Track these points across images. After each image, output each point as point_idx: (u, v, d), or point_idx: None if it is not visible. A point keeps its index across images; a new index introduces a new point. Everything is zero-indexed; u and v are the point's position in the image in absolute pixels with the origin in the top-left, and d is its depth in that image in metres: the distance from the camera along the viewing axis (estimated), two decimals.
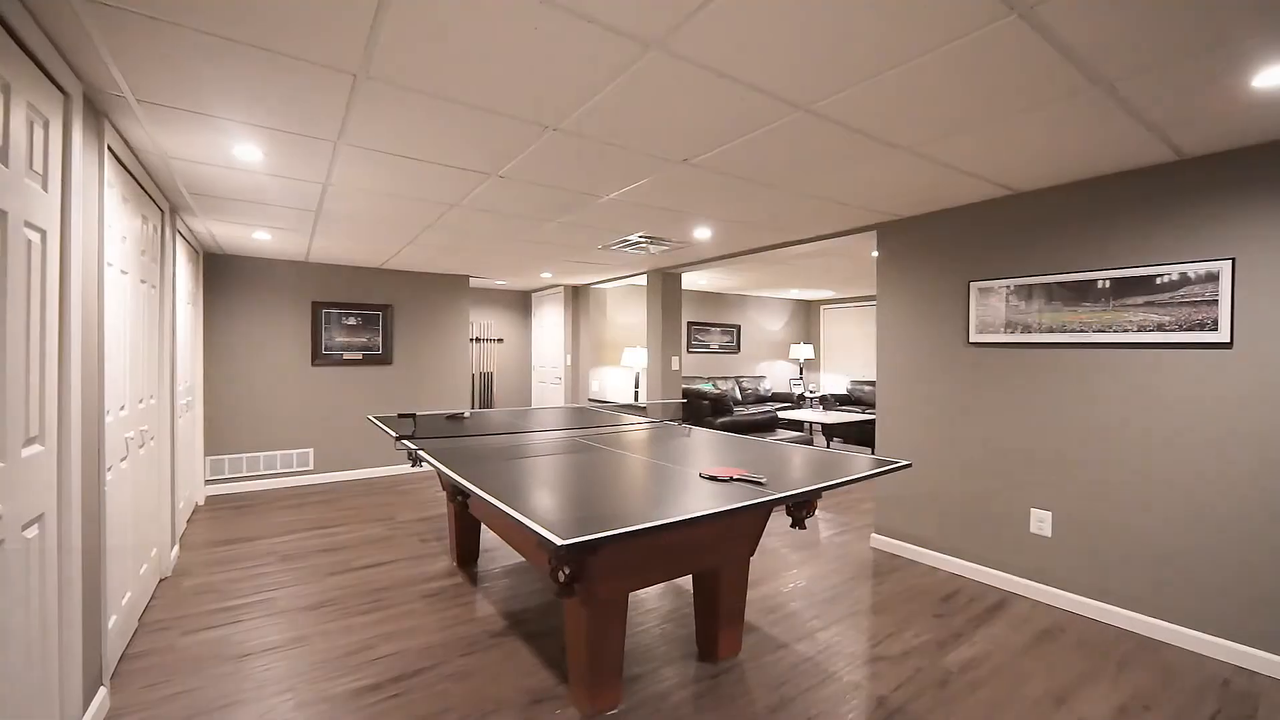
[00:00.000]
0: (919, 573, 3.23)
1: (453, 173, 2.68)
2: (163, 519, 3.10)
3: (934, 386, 3.34)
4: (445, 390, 6.13)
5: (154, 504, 2.94)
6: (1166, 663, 2.31)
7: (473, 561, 3.37)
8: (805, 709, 2.01)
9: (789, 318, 9.78)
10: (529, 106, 1.97)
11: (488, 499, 1.67)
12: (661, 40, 1.56)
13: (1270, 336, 2.23)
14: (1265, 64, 1.65)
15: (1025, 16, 1.45)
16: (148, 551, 2.82)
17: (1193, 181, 2.41)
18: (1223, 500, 2.34)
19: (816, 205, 3.23)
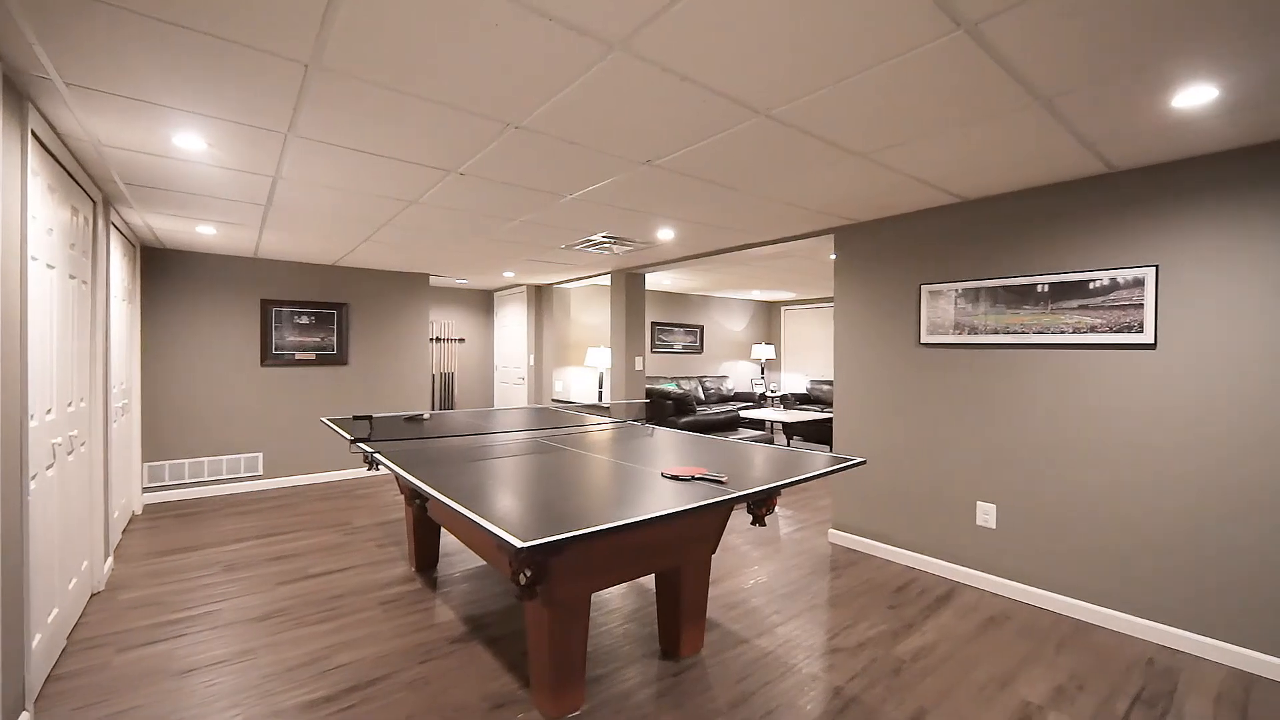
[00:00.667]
0: (874, 566, 3.34)
1: (411, 168, 2.61)
2: (95, 530, 2.92)
3: (888, 386, 3.46)
4: (404, 391, 5.98)
5: (85, 514, 2.77)
6: (1098, 645, 2.46)
7: (432, 566, 3.30)
8: (765, 703, 2.05)
9: (751, 318, 9.94)
10: (489, 103, 1.94)
11: (446, 502, 1.64)
12: (624, 42, 1.57)
13: (1188, 338, 2.40)
14: (1183, 86, 1.78)
15: (971, 33, 1.52)
16: (78, 564, 2.64)
17: (1122, 193, 2.58)
18: (1148, 489, 2.51)
19: (777, 208, 3.30)
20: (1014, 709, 2.02)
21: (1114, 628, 2.59)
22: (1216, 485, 2.34)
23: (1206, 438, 2.36)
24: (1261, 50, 1.58)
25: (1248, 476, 2.27)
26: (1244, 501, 2.28)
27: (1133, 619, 2.54)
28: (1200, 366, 2.37)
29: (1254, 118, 2.00)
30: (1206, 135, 2.16)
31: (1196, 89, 1.80)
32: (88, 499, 2.82)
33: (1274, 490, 2.21)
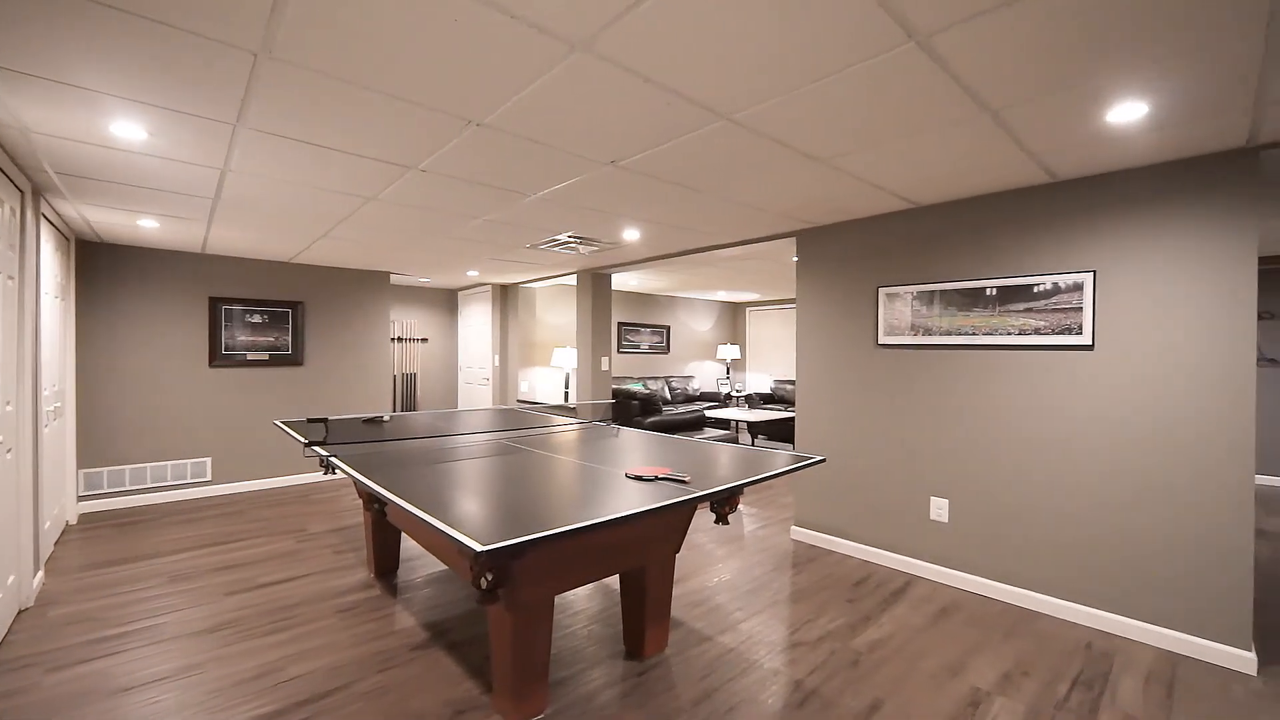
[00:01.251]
0: (834, 561, 3.42)
1: (369, 164, 2.54)
2: (23, 541, 2.73)
3: (847, 386, 3.56)
4: (364, 393, 5.81)
5: (11, 524, 2.59)
6: (1042, 631, 2.58)
7: (392, 572, 3.22)
8: (728, 699, 2.08)
9: (717, 319, 10.05)
10: (450, 100, 1.91)
11: (404, 506, 1.60)
12: (587, 42, 1.57)
13: (1121, 339, 2.55)
14: (1116, 102, 1.89)
15: (922, 45, 1.58)
16: (2, 579, 2.48)
17: (1063, 202, 2.71)
18: (1087, 483, 2.65)
19: (741, 211, 3.34)
20: (963, 696, 2.11)
21: (1057, 615, 2.72)
22: (1149, 479, 2.49)
23: (1140, 434, 2.51)
24: (1182, 73, 1.69)
25: (1177, 471, 2.42)
26: (1173, 494, 2.43)
27: (1074, 606, 2.68)
28: (1133, 366, 2.52)
29: (1181, 134, 2.14)
30: (1139, 149, 2.30)
31: (1128, 105, 1.91)
32: (14, 509, 2.64)
33: (1201, 484, 2.37)
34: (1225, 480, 2.31)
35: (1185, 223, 2.40)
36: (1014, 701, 2.07)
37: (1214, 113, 1.96)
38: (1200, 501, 2.36)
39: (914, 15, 1.44)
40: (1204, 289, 2.35)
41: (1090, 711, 2.02)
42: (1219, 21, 1.45)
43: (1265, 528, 4.07)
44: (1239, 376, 2.28)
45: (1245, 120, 2.02)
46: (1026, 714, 2.00)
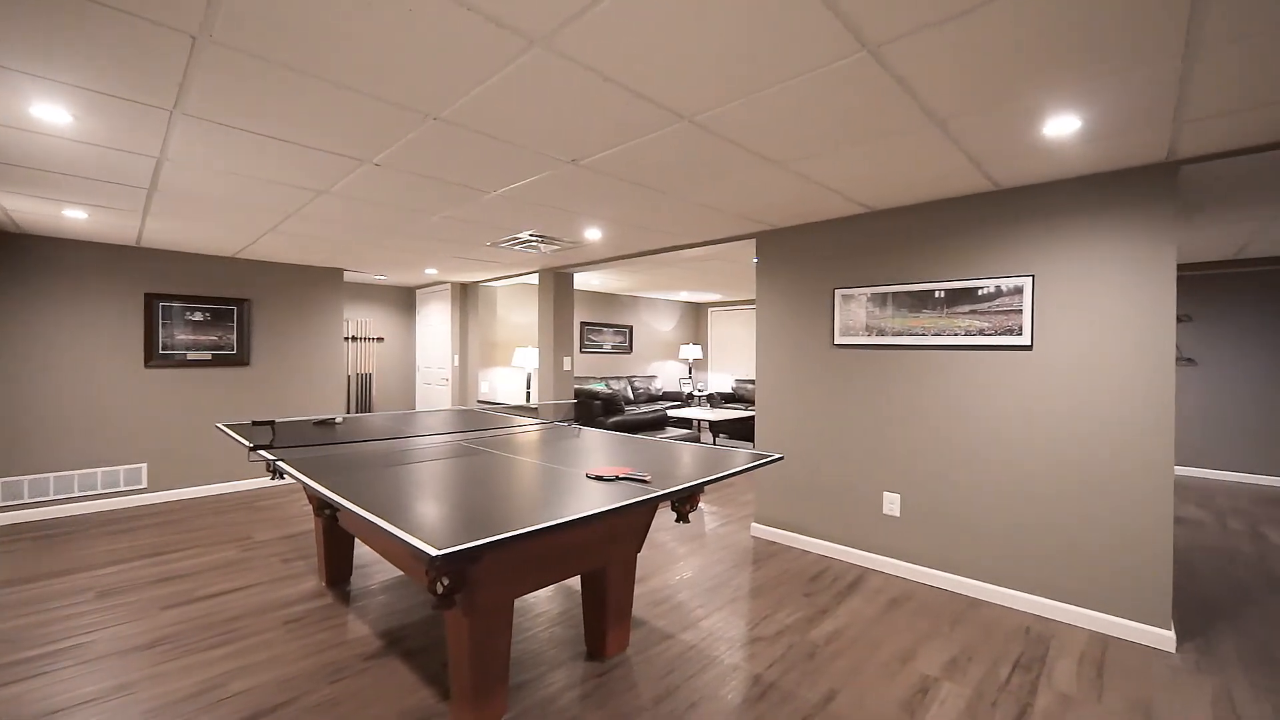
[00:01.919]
0: (792, 556, 3.50)
1: (321, 156, 2.45)
2: None
3: (804, 385, 3.64)
4: (316, 394, 5.59)
5: None
6: (986, 618, 2.71)
7: (345, 580, 3.11)
8: (689, 695, 2.10)
9: (679, 319, 10.13)
10: (406, 92, 1.86)
11: (356, 510, 1.55)
12: (546, 39, 1.55)
13: (1057, 340, 2.70)
14: (1051, 115, 2.00)
15: (874, 54, 1.63)
16: None
17: (1005, 209, 2.85)
18: (1028, 476, 2.79)
19: (702, 212, 3.38)
20: (914, 682, 2.19)
21: (999, 602, 2.86)
22: (1081, 471, 2.64)
23: (1073, 430, 2.66)
24: (1110, 91, 1.80)
25: (1106, 464, 2.58)
26: (1102, 486, 2.59)
27: (1015, 593, 2.82)
28: (1068, 366, 2.67)
29: (1109, 147, 2.28)
30: (1073, 160, 2.44)
31: (1062, 119, 2.02)
32: None
33: (1127, 476, 2.53)
34: (1148, 472, 2.48)
35: (1113, 231, 2.56)
36: (960, 686, 2.17)
37: (1138, 129, 2.10)
38: (1125, 492, 2.53)
39: (866, 25, 1.49)
40: (1129, 293, 2.52)
41: (1029, 693, 2.13)
42: (1140, 46, 1.55)
43: (1182, 515, 4.39)
44: (1160, 375, 2.45)
45: (1165, 137, 2.17)
46: (972, 698, 2.10)
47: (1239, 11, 1.41)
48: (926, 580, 3.10)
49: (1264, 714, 2.01)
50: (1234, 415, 5.50)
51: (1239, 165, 2.42)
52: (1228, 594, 2.99)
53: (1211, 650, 2.43)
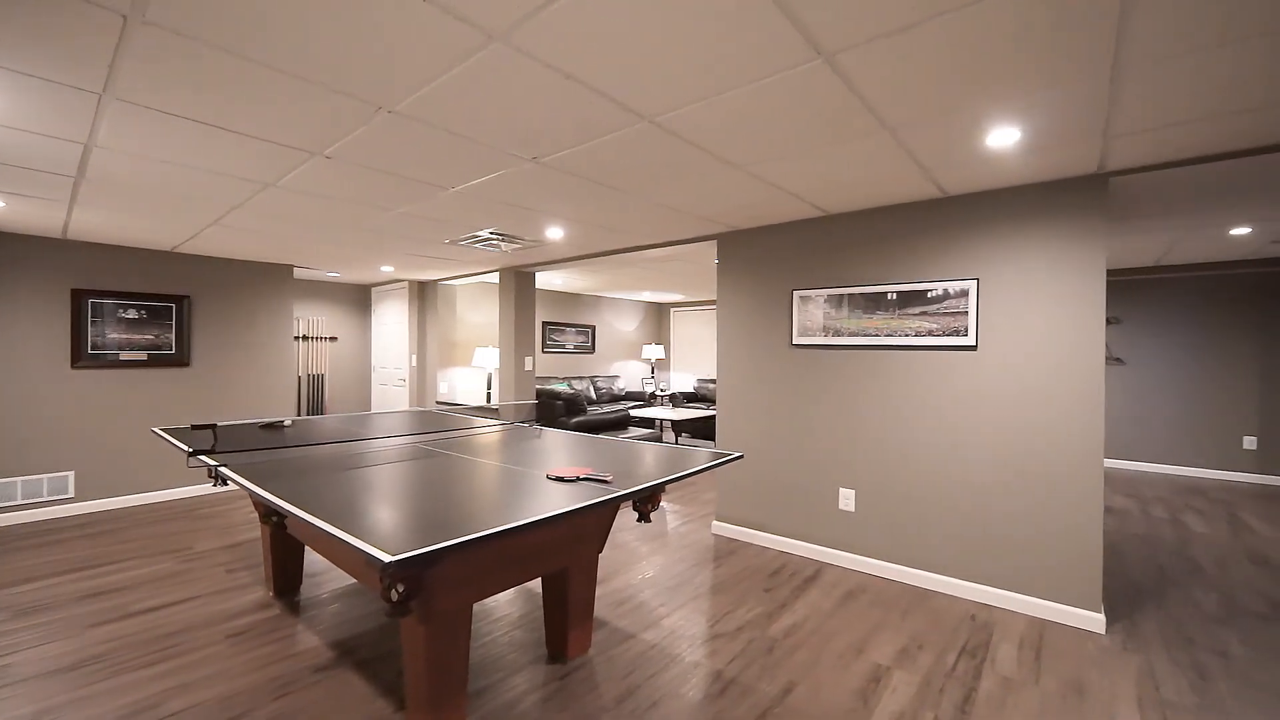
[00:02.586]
0: (752, 553, 3.56)
1: (267, 147, 2.34)
2: None
3: (763, 384, 3.71)
4: (263, 396, 5.35)
5: None
6: (934, 608, 2.82)
7: (295, 589, 2.98)
8: (651, 694, 2.11)
9: (642, 319, 10.15)
10: (357, 82, 1.80)
11: (303, 516, 1.49)
12: (505, 34, 1.53)
13: (1000, 341, 2.84)
14: (993, 127, 2.10)
15: (829, 62, 1.67)
16: None
17: (953, 215, 2.98)
18: (972, 469, 2.92)
19: (664, 213, 3.40)
20: (867, 672, 2.26)
21: (947, 592, 2.98)
22: (1021, 465, 2.78)
23: (1014, 426, 2.80)
24: (1046, 105, 1.90)
25: (1042, 457, 2.73)
26: (1039, 478, 2.73)
27: (961, 583, 2.95)
28: (1009, 365, 2.81)
29: (1047, 158, 2.41)
30: (1014, 170, 2.57)
31: (1004, 130, 2.12)
32: None
33: (1061, 468, 2.68)
34: (1080, 465, 2.63)
35: (1050, 237, 2.70)
36: (910, 674, 2.25)
37: (1072, 142, 2.22)
38: (1060, 484, 2.68)
39: (821, 34, 1.52)
40: (1064, 296, 2.67)
41: (974, 677, 2.23)
42: (1073, 66, 1.65)
43: (1111, 505, 4.68)
44: (1091, 374, 2.60)
45: (1096, 150, 2.31)
46: (921, 685, 2.18)
47: (1160, 36, 1.51)
48: (880, 573, 3.21)
49: (1181, 687, 2.16)
50: (1157, 411, 5.91)
51: (1161, 178, 2.59)
52: (1151, 577, 3.20)
53: (1136, 630, 2.60)
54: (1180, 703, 2.07)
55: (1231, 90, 1.80)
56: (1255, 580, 3.17)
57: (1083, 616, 2.62)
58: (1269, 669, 2.29)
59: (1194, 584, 3.12)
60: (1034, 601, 2.74)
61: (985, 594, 2.87)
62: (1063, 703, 2.08)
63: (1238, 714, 2.01)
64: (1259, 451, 5.43)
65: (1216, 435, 5.62)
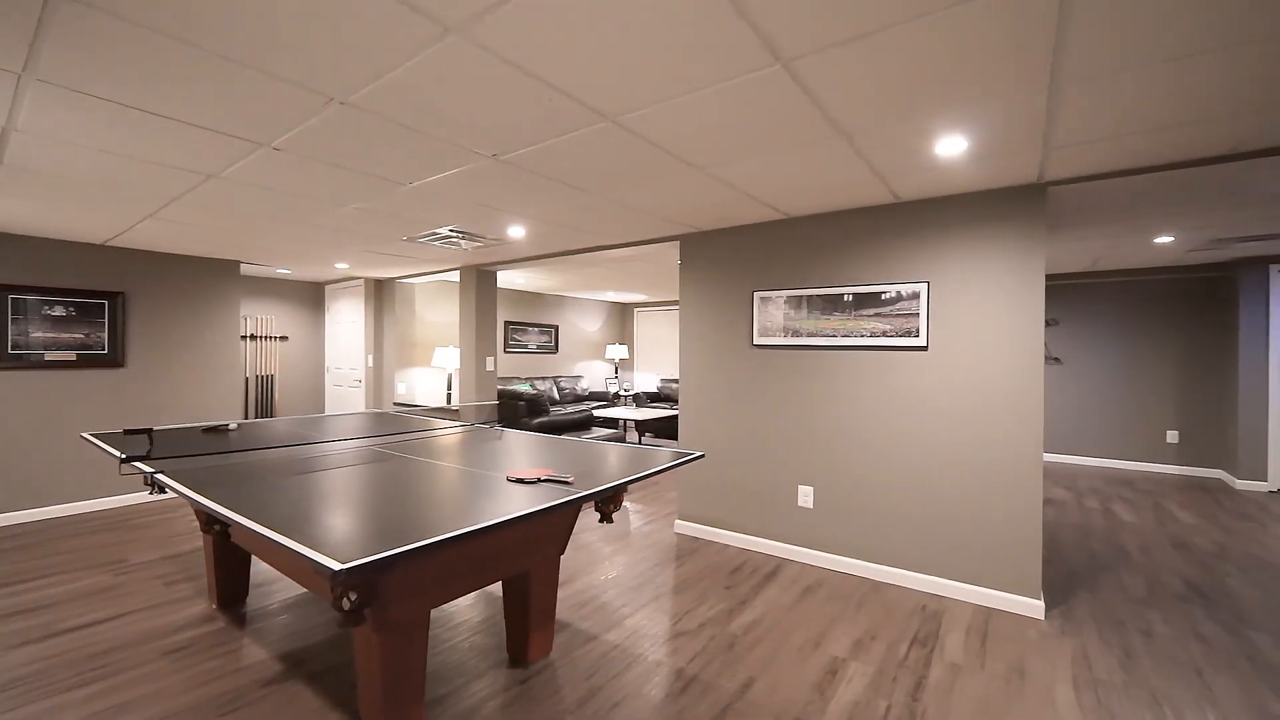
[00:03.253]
0: (714, 551, 3.60)
1: (208, 136, 2.23)
2: None
3: (725, 384, 3.76)
4: (207, 398, 5.08)
5: None
6: (888, 600, 2.92)
7: (240, 601, 2.85)
8: (613, 695, 2.11)
9: (606, 319, 10.13)
10: (306, 71, 1.73)
11: (247, 524, 1.43)
12: (463, 27, 1.50)
13: (948, 341, 2.96)
14: (942, 136, 2.18)
15: (787, 68, 1.71)
16: None
17: (905, 220, 3.08)
18: (923, 465, 3.04)
19: (627, 213, 3.40)
20: (824, 664, 2.32)
21: (900, 584, 3.09)
22: (967, 460, 2.91)
23: (960, 423, 2.93)
24: (990, 117, 2.00)
25: (986, 452, 2.86)
26: (984, 472, 2.86)
27: (913, 574, 3.06)
28: (958, 364, 2.93)
29: (992, 167, 2.53)
30: (962, 178, 2.68)
31: (952, 139, 2.21)
32: None
33: (1003, 462, 2.81)
34: (1021, 459, 2.77)
35: (994, 243, 2.83)
36: (865, 665, 2.32)
37: (1014, 152, 2.34)
38: (1003, 478, 2.81)
39: (779, 40, 1.56)
40: (1006, 299, 2.80)
41: (925, 665, 2.32)
42: (1013, 80, 1.73)
43: (1049, 497, 4.95)
44: (1031, 373, 2.74)
45: (1036, 161, 2.43)
46: (875, 674, 2.25)
47: (1091, 56, 1.61)
48: (837, 567, 3.30)
49: (1111, 666, 2.30)
50: (1091, 407, 6.27)
51: (1094, 188, 2.76)
52: (1085, 564, 3.40)
53: (1072, 614, 2.75)
54: (1110, 681, 2.21)
55: (1156, 108, 1.93)
56: (1176, 564, 3.40)
57: (1024, 603, 2.76)
58: (1186, 646, 2.46)
59: (1122, 569, 3.33)
60: (980, 590, 2.87)
61: (936, 585, 2.99)
62: (1006, 686, 2.18)
63: (1160, 688, 2.16)
64: (1180, 445, 5.84)
65: (1143, 430, 6.01)
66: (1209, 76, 1.71)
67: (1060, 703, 2.08)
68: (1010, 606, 2.79)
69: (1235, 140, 2.20)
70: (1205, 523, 4.22)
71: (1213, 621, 2.69)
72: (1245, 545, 3.73)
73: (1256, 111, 1.95)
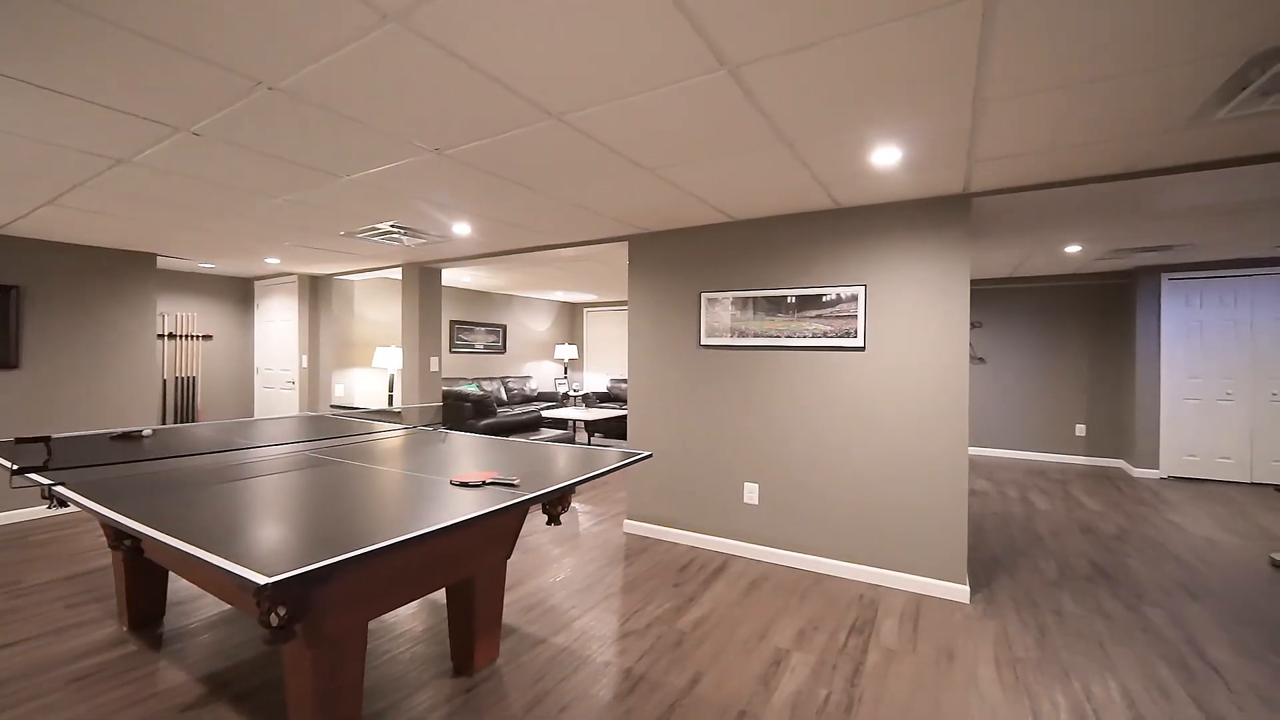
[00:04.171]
0: (663, 550, 3.63)
1: (116, 118, 2.06)
2: None
3: (673, 384, 3.80)
4: (117, 402, 4.68)
5: None
6: (828, 590, 3.03)
7: (156, 621, 2.64)
8: (560, 699, 2.09)
9: (555, 319, 10.03)
10: (229, 53, 1.62)
11: (162, 539, 1.32)
12: (402, 15, 1.45)
13: (884, 342, 3.10)
14: (877, 147, 2.29)
15: (733, 74, 1.74)
16: None
17: (845, 225, 3.21)
18: (860, 460, 3.18)
19: (575, 212, 3.38)
20: (769, 656, 2.38)
21: (840, 575, 3.22)
22: (900, 455, 3.06)
23: (894, 420, 3.08)
24: (919, 130, 2.11)
25: (917, 446, 3.02)
26: (915, 466, 3.02)
27: (852, 565, 3.19)
28: (892, 364, 3.08)
29: (924, 177, 2.67)
30: (896, 187, 2.81)
31: (886, 150, 2.32)
32: None
33: (932, 456, 2.98)
34: (948, 453, 2.94)
35: (925, 249, 3.00)
36: (807, 654, 2.40)
37: (943, 164, 2.48)
38: (932, 471, 2.98)
39: (725, 45, 1.59)
40: (936, 302, 2.97)
41: (862, 651, 2.42)
42: (941, 96, 1.84)
43: (973, 488, 5.28)
44: (958, 371, 2.92)
45: (961, 173, 2.59)
46: (816, 663, 2.34)
47: (1008, 80, 1.73)
48: (781, 561, 3.40)
49: (1028, 644, 2.48)
50: (1011, 403, 6.74)
51: (1013, 200, 2.96)
52: (1005, 550, 3.65)
53: (994, 598, 2.95)
54: (1027, 658, 2.38)
55: (1063, 129, 2.09)
56: (1083, 547, 3.70)
57: (951, 589, 2.93)
58: (1092, 622, 2.69)
59: (1038, 553, 3.59)
60: (913, 579, 3.03)
61: (873, 575, 3.13)
62: (935, 668, 2.31)
63: (1069, 662, 2.34)
64: (1087, 437, 6.36)
65: (1055, 424, 6.51)
66: (1105, 103, 1.88)
67: (983, 680, 2.22)
68: (940, 592, 2.96)
69: (1129, 161, 2.42)
70: (1108, 508, 4.61)
71: (1114, 599, 2.95)
72: (1141, 528, 4.11)
73: (1145, 136, 2.15)
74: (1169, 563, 3.44)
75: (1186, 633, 2.59)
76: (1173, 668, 2.31)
